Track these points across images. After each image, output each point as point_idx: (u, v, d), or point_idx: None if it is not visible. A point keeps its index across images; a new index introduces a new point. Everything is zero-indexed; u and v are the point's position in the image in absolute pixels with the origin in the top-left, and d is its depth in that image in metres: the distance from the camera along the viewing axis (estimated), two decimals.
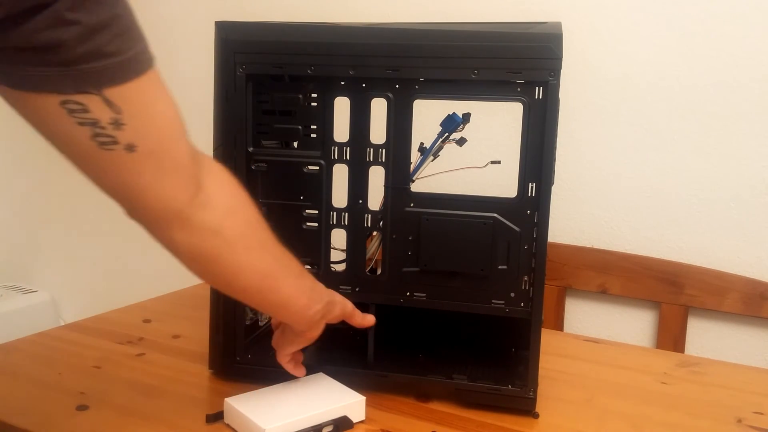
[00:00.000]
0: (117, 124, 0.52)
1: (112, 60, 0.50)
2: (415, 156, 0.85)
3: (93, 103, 0.51)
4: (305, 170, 0.85)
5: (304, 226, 0.86)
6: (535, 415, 0.83)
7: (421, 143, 0.86)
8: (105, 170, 0.55)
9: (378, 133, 0.83)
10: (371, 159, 0.84)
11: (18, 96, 0.51)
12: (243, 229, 0.67)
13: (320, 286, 0.78)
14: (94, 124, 0.51)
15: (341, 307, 0.81)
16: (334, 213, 0.86)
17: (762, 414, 0.87)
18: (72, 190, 2.01)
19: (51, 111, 0.51)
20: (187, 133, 0.60)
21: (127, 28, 0.52)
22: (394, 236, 0.84)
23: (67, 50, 0.48)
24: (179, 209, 0.60)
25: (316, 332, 0.80)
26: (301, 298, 0.75)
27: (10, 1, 0.45)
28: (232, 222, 0.65)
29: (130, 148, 0.54)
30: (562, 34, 0.77)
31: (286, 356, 0.84)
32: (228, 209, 0.65)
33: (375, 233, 0.86)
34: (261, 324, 0.96)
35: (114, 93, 0.51)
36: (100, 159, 0.54)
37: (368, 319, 0.85)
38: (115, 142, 0.53)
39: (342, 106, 0.84)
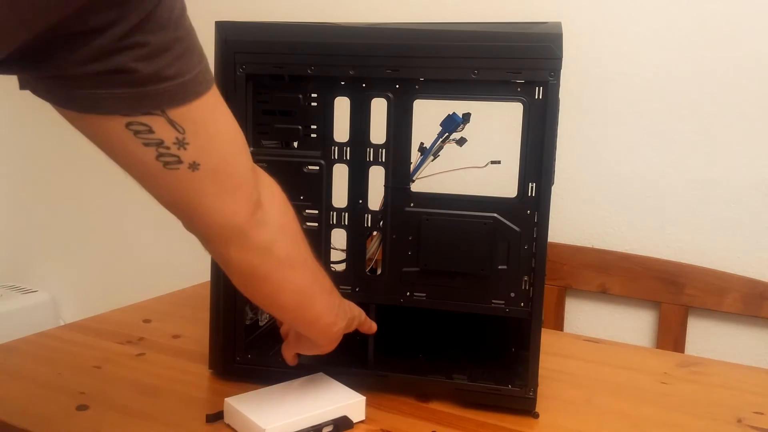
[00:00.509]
0: (181, 143, 0.53)
1: (174, 82, 0.51)
2: (415, 156, 0.85)
3: (157, 124, 0.51)
4: (305, 170, 0.85)
5: (304, 226, 0.86)
6: (535, 415, 0.83)
7: (421, 143, 0.86)
8: (169, 188, 0.56)
9: (378, 133, 0.83)
10: (371, 159, 0.84)
11: (83, 119, 0.51)
12: (290, 247, 0.66)
13: (345, 302, 0.78)
14: (159, 144, 0.52)
15: (358, 320, 0.82)
16: (334, 213, 0.86)
17: (762, 414, 0.87)
18: (72, 190, 2.01)
19: (117, 133, 0.51)
20: (247, 148, 0.61)
21: (188, 50, 0.52)
22: (394, 236, 0.84)
23: (130, 73, 0.48)
24: (239, 226, 0.60)
25: (334, 346, 0.79)
26: (329, 315, 0.74)
27: (67, 21, 0.45)
28: (282, 239, 0.65)
29: (194, 166, 0.55)
30: (562, 34, 0.77)
31: (293, 355, 0.84)
32: (280, 227, 0.65)
33: (375, 233, 0.86)
34: (261, 324, 0.96)
35: (177, 113, 0.52)
36: (165, 178, 0.54)
37: (374, 327, 0.86)
38: (179, 162, 0.54)
39: (342, 106, 0.84)
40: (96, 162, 0.65)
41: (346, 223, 0.86)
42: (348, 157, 0.85)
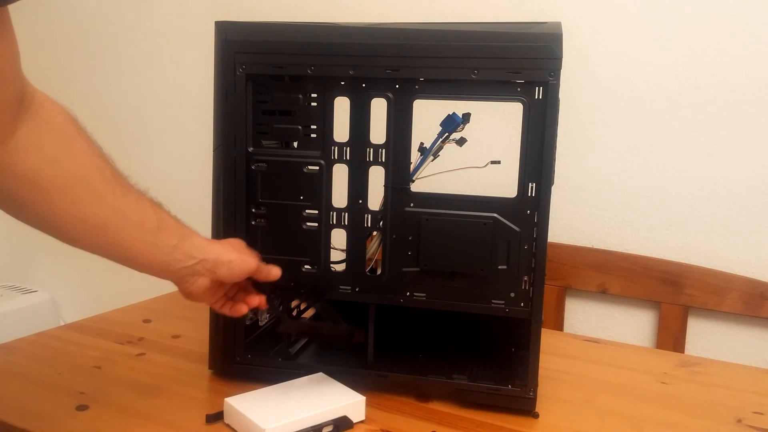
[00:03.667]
0: None
1: None
2: (415, 156, 0.85)
3: None
4: (305, 170, 0.85)
5: (304, 226, 0.86)
6: (535, 415, 0.83)
7: (421, 143, 0.86)
8: None
9: (378, 133, 0.83)
10: (371, 159, 0.84)
11: None
12: (68, 181, 0.64)
13: (193, 244, 0.75)
14: None
15: (232, 267, 0.77)
16: (334, 213, 0.86)
17: (762, 414, 0.87)
18: None
19: None
20: (17, 76, 0.58)
21: None
22: (394, 236, 0.84)
23: None
24: None
25: (193, 287, 0.77)
26: (156, 255, 0.72)
27: None
28: (51, 172, 0.62)
29: None
30: (562, 34, 0.77)
31: (215, 304, 0.81)
32: (48, 159, 0.62)
33: (375, 233, 0.86)
34: (261, 324, 0.96)
35: None
36: None
37: (273, 272, 0.81)
38: None
39: (342, 106, 0.84)
40: None
41: (346, 223, 0.86)
42: (348, 157, 0.84)
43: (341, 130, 0.85)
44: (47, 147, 0.62)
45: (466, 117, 0.85)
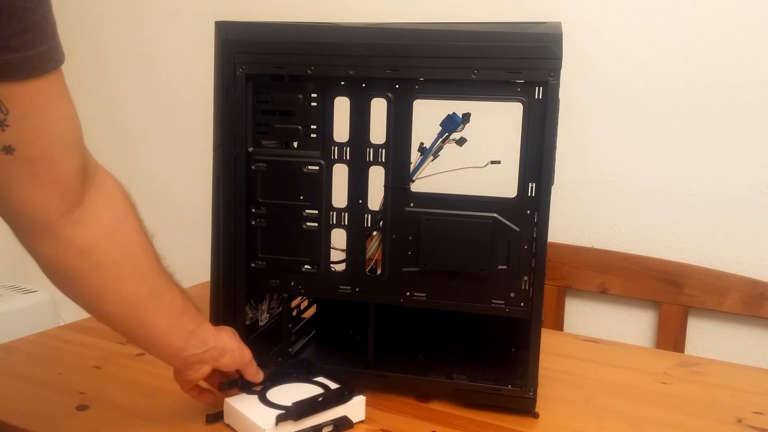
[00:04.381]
0: (0, 124, 0.50)
1: (14, 55, 0.48)
2: (415, 156, 0.85)
3: None
4: (305, 170, 0.85)
5: (304, 226, 0.86)
6: (535, 415, 0.83)
7: (421, 143, 0.86)
8: None
9: (378, 133, 0.83)
10: (371, 159, 0.84)
11: None
12: (118, 256, 0.64)
13: (206, 331, 0.74)
14: None
15: (234, 356, 0.77)
16: (334, 213, 0.86)
17: (762, 414, 0.87)
18: None
19: None
20: (81, 146, 0.59)
21: (37, 24, 0.49)
22: (394, 236, 0.84)
23: None
24: (47, 221, 0.58)
25: (194, 375, 0.75)
26: (176, 338, 0.71)
27: None
28: (106, 246, 0.63)
29: (8, 150, 0.52)
30: (562, 34, 0.77)
31: (187, 389, 0.79)
32: (105, 232, 0.63)
33: (375, 233, 0.86)
34: (261, 324, 0.96)
35: (6, 91, 0.49)
36: None
37: (258, 376, 0.82)
38: None
39: (342, 106, 0.84)
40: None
41: (346, 223, 0.86)
42: (348, 157, 0.84)
43: (341, 130, 0.85)
44: (106, 221, 0.63)
45: (466, 117, 0.85)
